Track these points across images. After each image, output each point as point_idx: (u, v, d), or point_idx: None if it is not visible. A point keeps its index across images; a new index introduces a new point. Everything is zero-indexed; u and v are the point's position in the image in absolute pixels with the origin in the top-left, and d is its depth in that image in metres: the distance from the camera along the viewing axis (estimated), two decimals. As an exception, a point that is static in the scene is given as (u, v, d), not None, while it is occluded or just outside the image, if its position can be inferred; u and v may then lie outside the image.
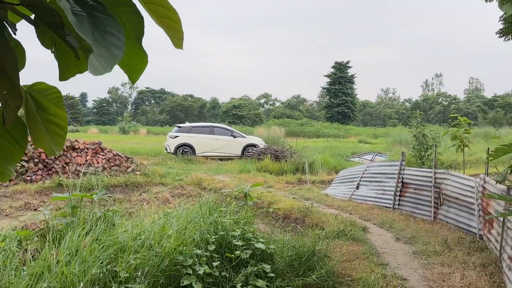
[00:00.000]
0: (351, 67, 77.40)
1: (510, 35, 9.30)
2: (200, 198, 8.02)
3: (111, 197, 5.80)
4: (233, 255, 4.54)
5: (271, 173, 17.67)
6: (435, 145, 8.63)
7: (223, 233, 4.77)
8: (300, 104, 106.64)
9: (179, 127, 22.28)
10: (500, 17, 9.39)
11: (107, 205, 7.90)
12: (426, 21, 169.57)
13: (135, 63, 2.12)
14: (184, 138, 21.35)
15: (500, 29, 9.48)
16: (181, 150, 21.16)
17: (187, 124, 23.23)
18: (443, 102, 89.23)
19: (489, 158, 4.50)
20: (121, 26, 1.90)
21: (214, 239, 4.68)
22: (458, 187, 8.10)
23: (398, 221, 8.85)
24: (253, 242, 4.82)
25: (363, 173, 11.51)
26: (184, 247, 4.44)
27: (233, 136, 21.81)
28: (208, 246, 4.58)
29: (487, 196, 4.25)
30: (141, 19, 2.00)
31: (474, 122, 72.96)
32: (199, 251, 4.44)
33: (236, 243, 4.69)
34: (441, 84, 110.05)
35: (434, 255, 6.53)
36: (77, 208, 5.23)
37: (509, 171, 5.82)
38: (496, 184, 5.88)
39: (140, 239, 4.49)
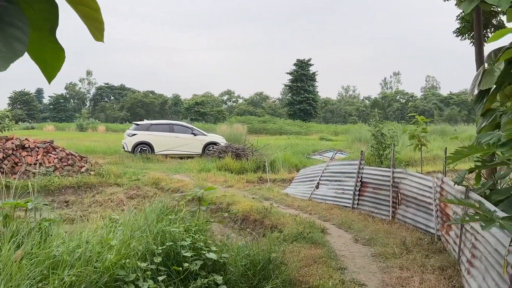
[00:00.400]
0: (313, 64, 78.07)
1: (466, 34, 9.34)
2: (150, 203, 7.61)
3: (46, 205, 5.28)
4: (181, 268, 4.18)
5: (231, 172, 17.34)
6: (394, 144, 8.58)
7: (171, 243, 4.40)
8: (263, 101, 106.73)
9: (137, 124, 21.56)
10: (457, 16, 9.41)
11: (53, 210, 7.34)
12: (385, 20, 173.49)
13: (49, 58, 1.75)
14: (142, 136, 20.67)
15: (457, 28, 9.51)
16: (139, 149, 20.48)
17: (146, 121, 22.54)
18: (401, 99, 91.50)
19: (448, 161, 4.34)
20: (26, 15, 1.56)
21: (161, 250, 4.30)
22: (416, 187, 8.04)
23: (357, 221, 8.73)
24: (204, 252, 4.47)
25: (323, 172, 11.37)
26: (127, 260, 4.05)
27: (193, 134, 21.32)
28: (154, 258, 4.20)
29: (446, 201, 4.09)
30: (55, 7, 1.66)
31: (431, 119, 75.17)
32: (143, 265, 4.05)
33: (185, 254, 4.33)
34: (399, 82, 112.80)
35: (393, 258, 6.40)
36: (9, 217, 4.71)
37: (467, 172, 5.74)
38: (454, 185, 5.79)
39: (77, 252, 4.05)
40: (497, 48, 5.67)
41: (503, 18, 8.95)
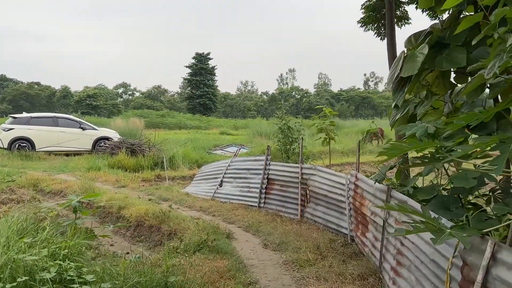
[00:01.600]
0: (212, 58, 77.06)
1: (370, 25, 9.08)
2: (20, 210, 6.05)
3: None
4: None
5: (126, 170, 15.71)
6: (302, 138, 7.96)
7: (25, 278, 3.12)
8: (161, 94, 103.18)
9: (14, 118, 18.76)
10: (362, 5, 9.10)
11: None
12: (282, 18, 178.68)
13: None
14: (21, 130, 18.00)
15: (361, 18, 9.22)
16: (16, 145, 17.80)
17: (25, 114, 19.75)
18: (296, 95, 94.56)
19: (382, 158, 3.65)
20: None
21: (9, 291, 3.02)
22: (326, 184, 7.47)
23: (265, 223, 7.96)
24: (76, 286, 3.26)
25: (226, 169, 10.46)
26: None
27: (81, 128, 19.10)
28: (-3, 303, 2.91)
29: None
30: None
31: (324, 114, 78.70)
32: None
33: (46, 292, 3.09)
34: (294, 79, 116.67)
35: (308, 266, 5.68)
36: None
37: (387, 169, 5.18)
38: (375, 183, 5.20)
39: None
40: (417, 32, 5.18)
41: (408, 8, 8.79)
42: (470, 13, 4.38)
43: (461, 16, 4.65)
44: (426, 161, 3.78)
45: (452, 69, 4.63)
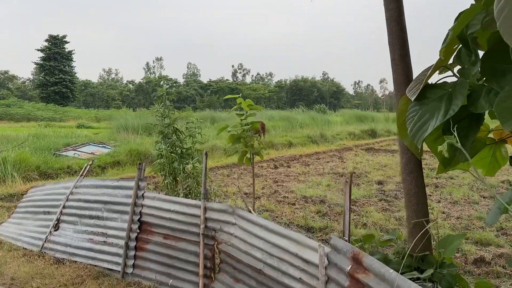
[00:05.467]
0: (69, 42, 67.24)
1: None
2: None
3: None
4: None
5: None
6: (205, 153, 4.05)
7: None
8: (9, 81, 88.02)
9: None
10: None
11: None
12: (147, 6, 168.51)
13: None
14: None
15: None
16: None
17: None
18: (165, 85, 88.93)
19: None
20: None
21: None
22: (262, 249, 3.71)
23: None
24: None
25: (67, 199, 6.01)
26: None
27: None
28: None
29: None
30: None
31: (193, 105, 74.75)
32: None
33: None
34: (162, 68, 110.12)
35: None
36: None
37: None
38: None
39: None
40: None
41: None
42: None
43: None
44: None
45: None
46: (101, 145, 17.50)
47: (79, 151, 16.53)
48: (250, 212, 4.06)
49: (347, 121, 31.83)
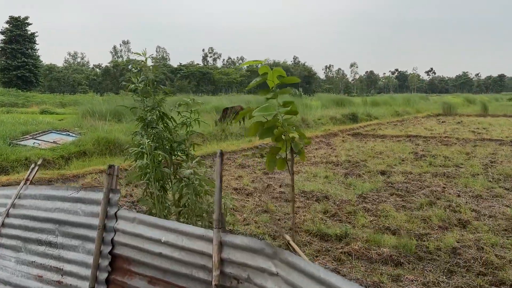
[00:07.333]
0: (31, 24, 62.72)
1: None
2: None
3: None
4: None
5: None
6: (219, 152, 2.45)
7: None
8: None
9: None
10: None
11: None
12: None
13: None
14: None
15: None
16: None
17: None
18: (133, 69, 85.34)
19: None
20: None
21: None
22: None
23: None
24: None
25: (7, 214, 4.20)
26: None
27: None
28: None
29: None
30: None
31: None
32: None
33: None
34: (129, 51, 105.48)
35: None
36: None
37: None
38: None
39: None
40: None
41: None
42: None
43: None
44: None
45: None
46: (64, 133, 15.39)
47: (39, 139, 14.38)
48: (293, 251, 2.43)
49: (326, 106, 30.53)
